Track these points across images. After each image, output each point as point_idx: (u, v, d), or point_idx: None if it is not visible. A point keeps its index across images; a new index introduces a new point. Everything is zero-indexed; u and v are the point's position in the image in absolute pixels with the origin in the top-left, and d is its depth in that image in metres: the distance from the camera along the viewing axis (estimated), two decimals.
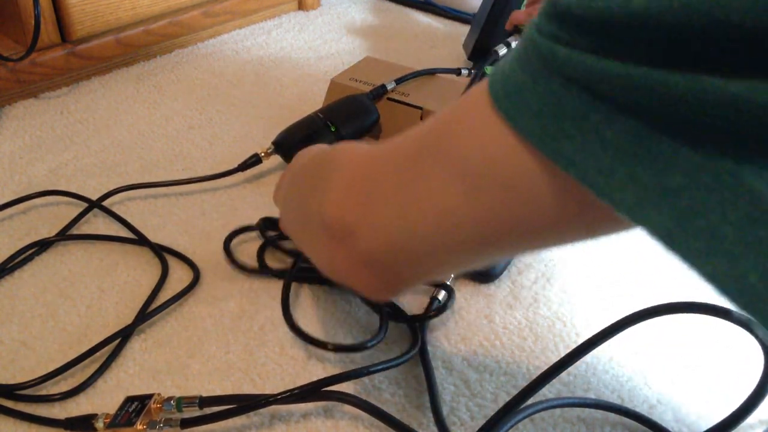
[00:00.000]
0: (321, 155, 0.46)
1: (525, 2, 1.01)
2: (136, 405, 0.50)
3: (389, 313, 0.60)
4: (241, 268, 0.66)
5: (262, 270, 0.66)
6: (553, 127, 0.27)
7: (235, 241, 0.70)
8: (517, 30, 0.91)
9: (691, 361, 0.59)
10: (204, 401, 0.51)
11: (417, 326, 0.59)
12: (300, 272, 0.64)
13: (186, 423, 0.50)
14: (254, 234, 0.71)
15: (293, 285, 0.64)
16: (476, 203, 0.32)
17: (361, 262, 0.39)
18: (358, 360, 0.58)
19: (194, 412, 0.51)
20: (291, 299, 0.63)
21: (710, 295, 0.58)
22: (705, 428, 0.51)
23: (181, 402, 0.51)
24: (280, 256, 0.68)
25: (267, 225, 0.69)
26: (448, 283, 0.63)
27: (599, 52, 0.26)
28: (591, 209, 0.29)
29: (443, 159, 0.33)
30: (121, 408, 0.50)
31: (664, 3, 0.23)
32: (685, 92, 0.23)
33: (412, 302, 0.62)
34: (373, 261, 0.38)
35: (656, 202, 0.25)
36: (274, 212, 0.75)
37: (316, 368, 0.57)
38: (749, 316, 0.52)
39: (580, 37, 0.26)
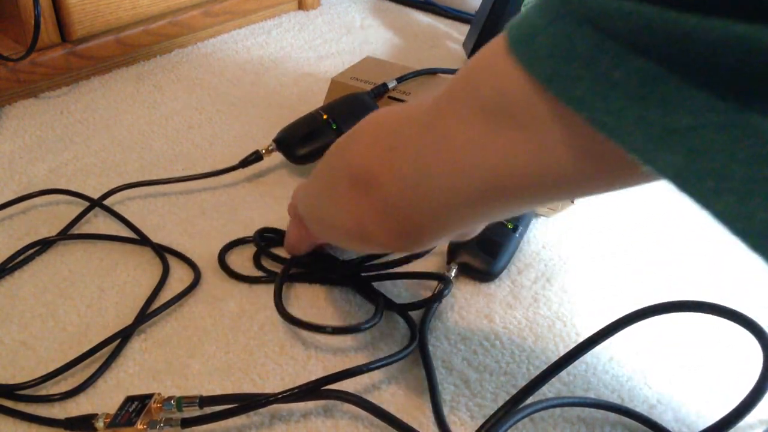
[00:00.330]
0: (347, 134, 0.47)
1: (524, 3, 1.01)
2: (136, 405, 0.50)
3: (386, 300, 0.61)
4: (237, 276, 0.66)
5: (261, 272, 0.66)
6: (565, 68, 0.28)
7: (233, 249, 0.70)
8: None
9: (691, 361, 0.59)
10: (204, 401, 0.51)
11: (416, 326, 0.59)
12: (293, 274, 0.65)
13: (186, 423, 0.50)
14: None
15: (290, 285, 0.64)
16: (493, 144, 0.32)
17: (384, 209, 0.39)
18: (359, 359, 0.58)
19: (194, 412, 0.51)
20: (290, 300, 0.63)
21: (710, 294, 0.58)
22: (705, 428, 0.51)
23: (182, 402, 0.51)
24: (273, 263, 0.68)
25: (262, 237, 0.69)
26: (446, 274, 0.64)
27: None
28: (605, 154, 0.30)
29: (462, 103, 0.33)
30: (121, 408, 0.50)
31: None
32: (696, 32, 0.23)
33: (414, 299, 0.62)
34: (395, 208, 0.39)
35: (666, 143, 0.25)
36: (273, 214, 0.74)
37: (316, 368, 0.57)
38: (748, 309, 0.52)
39: None
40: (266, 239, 0.69)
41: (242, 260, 0.67)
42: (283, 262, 0.66)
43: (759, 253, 0.24)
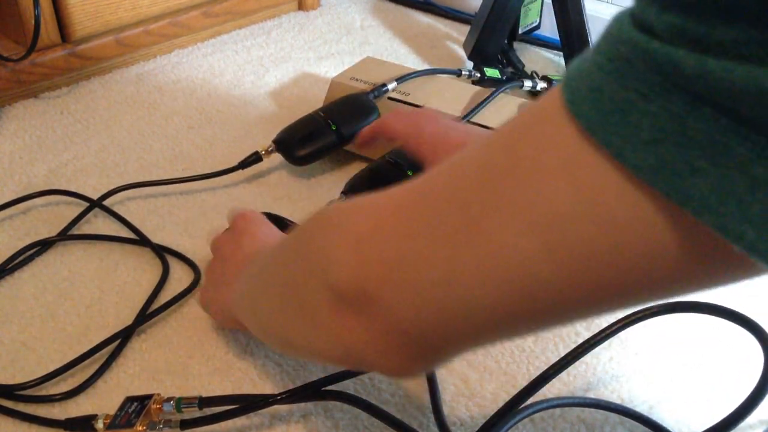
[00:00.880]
0: (305, 224, 0.38)
1: (524, 2, 1.01)
2: (135, 406, 0.50)
3: None
4: None
5: None
6: (677, 159, 0.21)
7: None
8: None
9: (691, 361, 0.59)
10: (203, 402, 0.51)
11: None
12: None
13: (185, 424, 0.50)
14: None
15: None
16: (563, 259, 0.25)
17: (387, 334, 0.31)
18: None
19: (194, 413, 0.51)
20: None
21: (711, 295, 0.58)
22: (705, 428, 0.51)
23: (181, 402, 0.51)
24: None
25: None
26: None
27: (751, 55, 0.19)
28: (727, 258, 0.23)
29: (514, 203, 0.26)
30: (120, 409, 0.50)
31: None
32: None
33: None
34: (404, 332, 0.30)
35: None
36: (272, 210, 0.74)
37: (315, 368, 0.57)
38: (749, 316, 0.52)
39: (720, 31, 0.19)
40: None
41: None
42: None
43: None
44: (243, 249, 0.54)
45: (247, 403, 0.50)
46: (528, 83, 0.91)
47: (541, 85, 0.91)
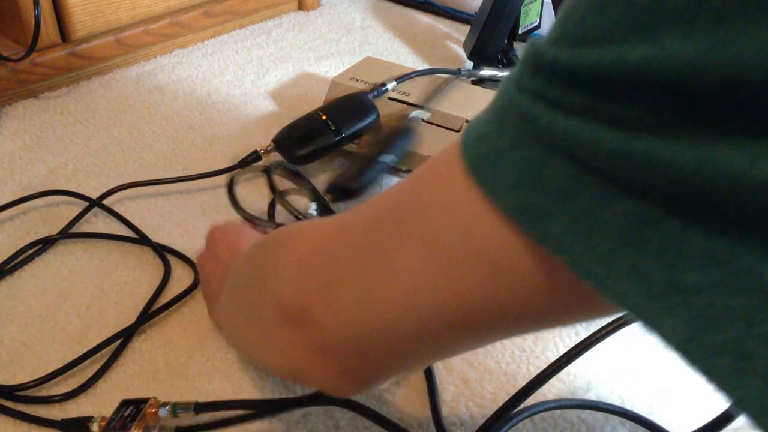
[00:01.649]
0: (261, 243, 0.41)
1: (524, 2, 1.01)
2: (131, 409, 0.50)
3: None
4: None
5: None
6: (536, 201, 0.24)
7: None
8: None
9: None
10: (199, 407, 0.51)
11: None
12: None
13: (180, 431, 0.50)
14: None
15: None
16: (447, 284, 0.28)
17: (320, 351, 0.33)
18: None
19: (190, 418, 0.51)
20: None
21: None
22: (698, 427, 0.51)
23: (177, 407, 0.50)
24: None
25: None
26: None
27: (590, 114, 0.22)
28: (584, 294, 0.24)
29: (413, 233, 0.28)
30: (116, 412, 0.50)
31: (670, 56, 0.19)
32: (697, 172, 0.19)
33: None
34: (334, 350, 0.33)
35: (668, 304, 0.21)
36: (273, 210, 0.74)
37: None
38: None
39: (569, 94, 0.22)
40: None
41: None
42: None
43: None
44: (220, 261, 0.55)
45: (245, 414, 0.50)
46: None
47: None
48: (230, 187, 0.69)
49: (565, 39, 0.23)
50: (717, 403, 0.54)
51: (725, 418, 0.50)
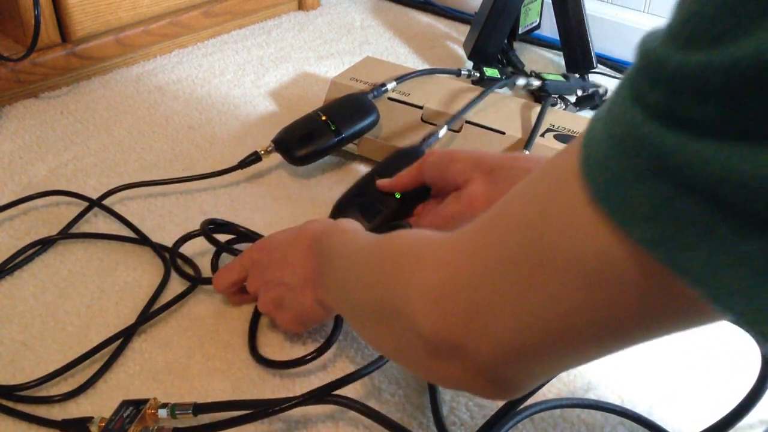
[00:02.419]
0: (375, 251, 0.42)
1: (524, 1, 1.01)
2: (131, 410, 0.50)
3: None
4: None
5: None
6: (672, 235, 0.23)
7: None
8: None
9: (690, 361, 0.59)
10: (198, 408, 0.51)
11: None
12: None
13: None
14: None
15: None
16: (597, 305, 0.29)
17: (477, 373, 0.35)
18: (357, 360, 0.58)
19: (188, 419, 0.51)
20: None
21: None
22: (703, 429, 0.51)
23: (175, 409, 0.50)
24: None
25: (214, 229, 0.67)
26: None
27: (725, 133, 0.20)
28: (703, 315, 0.26)
29: (554, 262, 0.29)
30: (115, 413, 0.50)
31: None
32: None
33: None
34: (490, 371, 0.35)
35: None
36: (272, 215, 0.74)
37: (315, 367, 0.57)
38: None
39: (698, 106, 0.21)
40: (216, 231, 0.67)
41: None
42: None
43: None
44: (287, 246, 0.56)
45: (242, 415, 0.50)
46: (521, 81, 0.89)
47: (535, 83, 0.89)
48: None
49: (689, 37, 0.21)
50: (716, 403, 0.54)
51: (727, 421, 0.50)
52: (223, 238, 0.67)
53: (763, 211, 0.20)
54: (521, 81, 0.88)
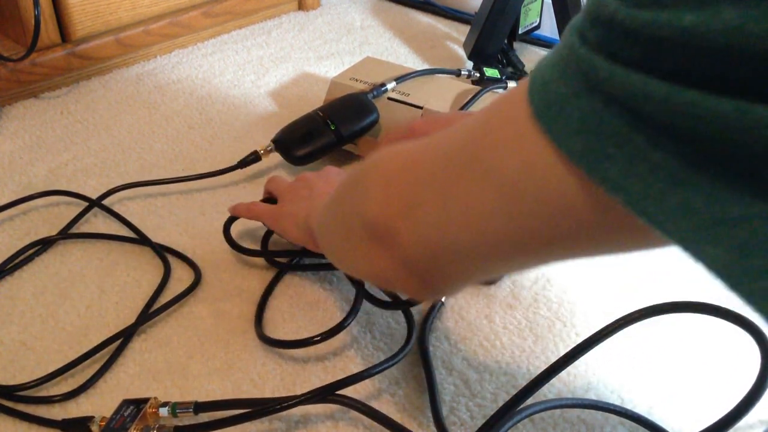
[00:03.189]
0: (363, 161, 0.45)
1: (524, 2, 1.01)
2: (131, 409, 0.50)
3: (366, 294, 0.60)
4: (242, 251, 0.67)
5: (265, 255, 0.67)
6: (596, 146, 0.26)
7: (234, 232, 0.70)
8: None
9: (690, 361, 0.59)
10: (199, 407, 0.51)
11: (414, 326, 0.59)
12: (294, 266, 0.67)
13: (180, 430, 0.50)
14: (253, 225, 0.71)
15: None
16: (512, 213, 0.31)
17: (403, 264, 0.38)
18: (358, 359, 0.58)
19: (189, 418, 0.51)
20: (275, 312, 0.63)
21: (710, 295, 0.58)
22: (701, 429, 0.51)
23: (176, 407, 0.51)
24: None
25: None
26: None
27: (644, 67, 0.24)
28: (631, 229, 0.28)
29: (481, 166, 0.32)
30: (116, 412, 0.50)
31: (716, 23, 0.22)
32: (736, 123, 0.22)
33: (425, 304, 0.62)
34: (414, 262, 0.38)
35: (713, 234, 0.24)
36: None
37: (315, 368, 0.57)
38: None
39: (626, 48, 0.25)
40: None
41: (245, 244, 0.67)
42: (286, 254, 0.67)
43: None
44: (334, 183, 0.60)
45: (243, 413, 0.50)
46: (512, 84, 0.90)
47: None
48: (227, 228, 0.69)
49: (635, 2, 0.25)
50: (716, 403, 0.54)
51: (727, 421, 0.50)
52: None
53: (672, 124, 0.24)
54: (512, 84, 0.89)
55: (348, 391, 0.52)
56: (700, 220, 0.24)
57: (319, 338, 0.57)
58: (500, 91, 0.88)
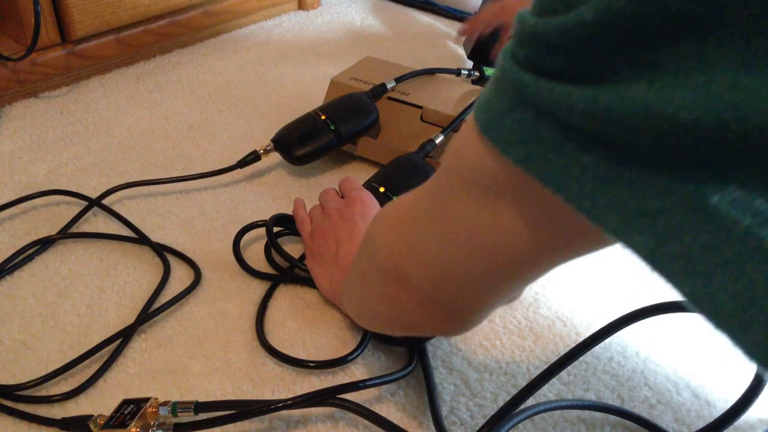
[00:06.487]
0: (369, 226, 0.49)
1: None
2: (131, 408, 0.50)
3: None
4: (250, 271, 0.66)
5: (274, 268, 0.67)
6: (537, 152, 0.29)
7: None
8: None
9: (690, 361, 0.59)
10: (200, 406, 0.51)
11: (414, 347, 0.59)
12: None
13: (179, 427, 0.50)
14: (257, 234, 0.71)
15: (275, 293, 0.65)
16: (497, 218, 0.34)
17: (421, 300, 0.41)
18: (358, 361, 0.58)
19: (189, 417, 0.51)
20: (278, 315, 0.63)
21: None
22: (699, 428, 0.51)
23: (177, 407, 0.51)
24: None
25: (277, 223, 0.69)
26: None
27: (566, 75, 0.27)
28: (578, 227, 0.31)
29: (458, 185, 0.35)
30: (116, 410, 0.50)
31: (612, 7, 0.24)
32: (634, 117, 0.24)
33: None
34: (429, 291, 0.40)
35: (637, 224, 0.27)
36: (272, 214, 0.74)
37: (315, 366, 0.57)
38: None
39: (549, 58, 0.27)
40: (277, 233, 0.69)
41: (251, 257, 0.67)
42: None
43: (723, 332, 0.25)
44: (357, 236, 0.59)
45: (242, 410, 0.50)
46: None
47: None
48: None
49: (542, 8, 0.28)
50: (716, 403, 0.55)
51: (725, 419, 0.50)
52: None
53: (592, 131, 0.26)
54: None
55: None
56: (626, 213, 0.27)
57: (313, 364, 0.56)
58: None
